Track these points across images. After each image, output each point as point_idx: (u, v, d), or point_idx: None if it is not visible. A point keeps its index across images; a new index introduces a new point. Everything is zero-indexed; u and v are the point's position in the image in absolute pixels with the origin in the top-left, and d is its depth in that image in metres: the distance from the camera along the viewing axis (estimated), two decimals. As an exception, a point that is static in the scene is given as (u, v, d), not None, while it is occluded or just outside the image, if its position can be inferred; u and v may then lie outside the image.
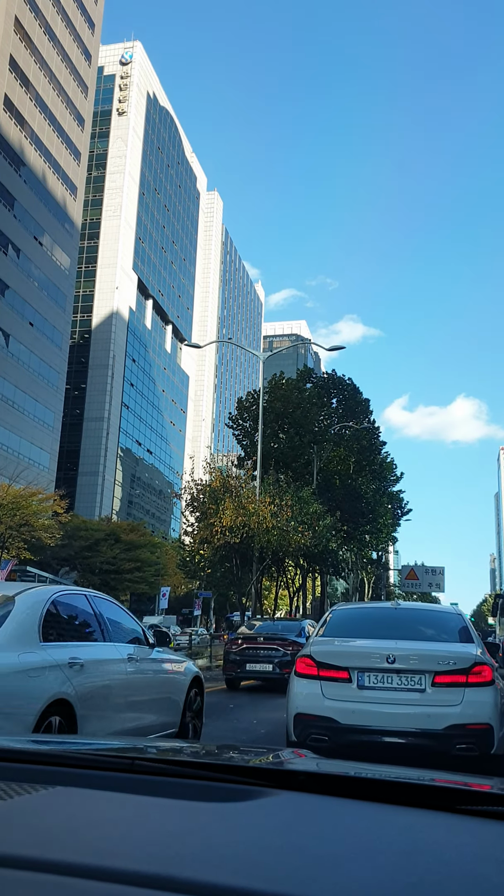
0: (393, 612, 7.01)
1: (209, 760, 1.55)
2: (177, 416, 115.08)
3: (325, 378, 47.57)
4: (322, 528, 28.90)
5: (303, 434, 37.63)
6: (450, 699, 5.65)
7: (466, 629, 6.56)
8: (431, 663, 5.78)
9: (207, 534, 24.60)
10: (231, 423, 40.02)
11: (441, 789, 1.26)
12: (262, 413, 27.52)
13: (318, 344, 28.02)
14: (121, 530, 58.49)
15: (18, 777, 1.22)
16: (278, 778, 1.30)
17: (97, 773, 1.27)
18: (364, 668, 5.84)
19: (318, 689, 5.89)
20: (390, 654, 5.81)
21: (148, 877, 0.77)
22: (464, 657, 5.80)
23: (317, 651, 6.09)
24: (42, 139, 66.56)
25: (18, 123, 62.39)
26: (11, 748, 1.44)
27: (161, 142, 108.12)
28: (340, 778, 1.33)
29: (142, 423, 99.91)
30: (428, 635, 6.61)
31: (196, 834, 0.96)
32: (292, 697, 6.13)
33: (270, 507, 24.39)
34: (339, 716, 5.73)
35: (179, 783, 1.22)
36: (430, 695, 5.70)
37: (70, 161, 72.18)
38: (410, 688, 5.76)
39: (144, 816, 1.04)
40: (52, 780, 1.21)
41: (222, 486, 25.39)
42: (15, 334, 62.53)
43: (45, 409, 67.95)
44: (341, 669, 5.89)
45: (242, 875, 0.79)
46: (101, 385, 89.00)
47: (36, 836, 0.91)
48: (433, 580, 43.53)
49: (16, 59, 61.61)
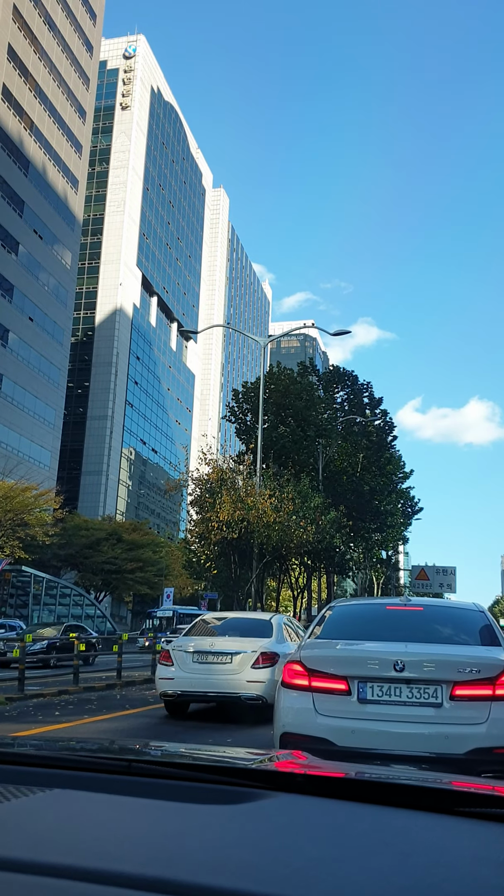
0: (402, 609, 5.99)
1: (207, 762, 1.50)
2: (182, 415, 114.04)
3: (330, 371, 46.51)
4: (325, 522, 27.65)
5: (306, 427, 36.53)
6: (472, 716, 4.68)
7: (491, 629, 5.51)
8: (449, 671, 4.79)
9: (204, 529, 23.37)
10: (229, 416, 38.93)
11: (439, 791, 1.26)
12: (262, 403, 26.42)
13: (322, 329, 26.95)
14: (123, 529, 57.83)
15: (15, 779, 1.23)
16: (276, 780, 1.30)
17: (94, 775, 1.27)
18: (366, 678, 4.87)
19: (309, 702, 4.93)
20: (398, 659, 4.83)
21: (146, 879, 0.77)
22: (489, 663, 4.79)
23: (308, 656, 5.09)
24: (42, 131, 65.62)
25: (17, 114, 61.43)
26: (7, 750, 1.44)
27: (165, 137, 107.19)
28: (338, 780, 1.33)
29: (146, 422, 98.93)
30: (444, 636, 5.56)
31: (193, 836, 0.96)
32: (278, 713, 5.16)
33: (271, 501, 23.15)
34: (336, 736, 4.78)
35: (177, 785, 1.22)
36: (447, 710, 4.74)
37: (71, 153, 71.20)
38: (423, 702, 4.79)
39: (141, 819, 1.05)
40: (48, 783, 1.21)
41: (219, 479, 24.18)
42: (14, 329, 61.51)
43: (46, 406, 66.92)
44: (338, 679, 4.92)
45: (240, 877, 0.79)
46: (105, 383, 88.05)
47: (33, 838, 0.91)
48: (444, 580, 42.59)
49: (14, 49, 60.69)
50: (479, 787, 1.33)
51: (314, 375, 44.70)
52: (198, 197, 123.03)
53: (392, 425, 46.35)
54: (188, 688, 10.13)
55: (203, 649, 10.26)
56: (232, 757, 1.69)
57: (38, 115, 64.97)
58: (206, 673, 10.18)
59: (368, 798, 1.16)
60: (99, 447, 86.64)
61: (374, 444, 43.35)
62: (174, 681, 10.22)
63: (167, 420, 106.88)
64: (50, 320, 67.37)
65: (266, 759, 1.67)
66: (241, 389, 38.85)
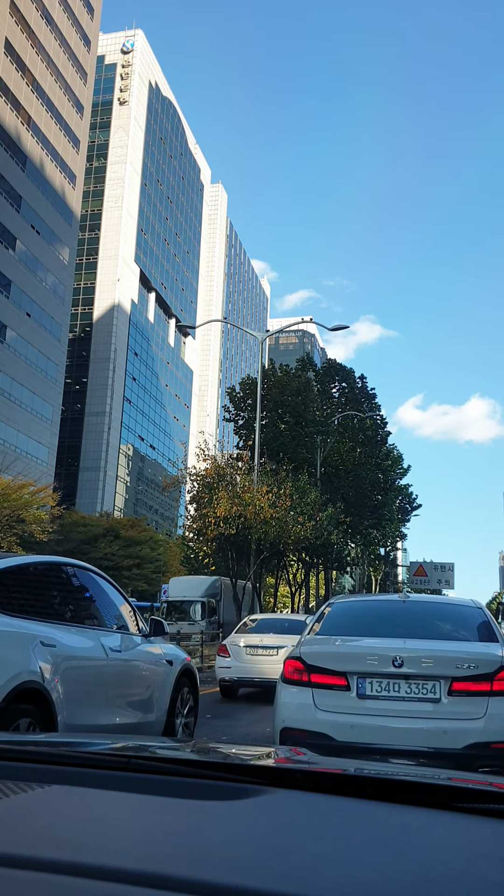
0: (401, 606, 6.08)
1: (206, 758, 1.51)
2: (181, 412, 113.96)
3: (327, 366, 46.39)
4: (323, 518, 27.62)
5: (303, 423, 36.47)
6: (471, 711, 4.74)
7: (489, 625, 5.59)
8: (448, 667, 4.86)
9: (201, 525, 23.32)
10: (228, 417, 38.89)
11: (437, 787, 1.26)
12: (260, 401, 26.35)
13: (319, 324, 26.85)
14: (120, 526, 57.71)
15: (14, 776, 1.23)
16: (275, 776, 1.31)
17: (93, 771, 1.27)
18: (365, 673, 4.95)
19: (309, 698, 5.01)
20: (397, 655, 4.89)
21: (145, 875, 0.77)
22: (487, 659, 4.86)
23: (308, 652, 5.17)
24: (40, 126, 65.40)
25: (14, 109, 61.20)
26: (6, 747, 1.44)
27: (163, 132, 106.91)
28: (337, 776, 1.33)
29: (144, 419, 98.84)
30: (443, 633, 5.66)
31: (193, 832, 0.97)
32: (278, 708, 5.24)
33: (268, 497, 23.10)
34: (335, 731, 4.85)
35: (176, 781, 1.22)
36: (446, 706, 4.80)
37: (69, 148, 70.98)
38: (422, 697, 4.85)
39: (141, 815, 1.05)
40: (47, 779, 1.22)
41: (217, 475, 24.12)
42: (11, 325, 61.38)
43: (44, 402, 66.81)
44: (337, 675, 4.99)
45: (239, 873, 0.80)
46: (103, 379, 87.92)
47: (32, 834, 0.91)
48: (442, 577, 42.82)
49: (11, 43, 60.45)
50: (477, 783, 1.34)
51: (311, 370, 44.62)
52: (196, 193, 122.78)
53: (385, 421, 46.40)
54: (242, 675, 12.51)
55: (253, 644, 12.66)
56: (231, 753, 1.69)
57: (36, 109, 64.74)
58: (256, 663, 12.46)
59: (367, 794, 1.16)
60: (97, 443, 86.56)
61: (370, 439, 43.36)
62: (231, 669, 12.64)
63: (165, 416, 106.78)
64: (47, 316, 67.22)
65: (265, 755, 1.67)
66: (238, 386, 38.78)
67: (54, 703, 4.46)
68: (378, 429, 45.28)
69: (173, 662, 6.83)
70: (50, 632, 4.77)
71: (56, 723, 4.45)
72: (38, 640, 4.54)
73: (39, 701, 4.32)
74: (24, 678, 4.21)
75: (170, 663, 6.76)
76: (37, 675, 4.36)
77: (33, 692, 4.27)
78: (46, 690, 4.39)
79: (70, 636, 5.08)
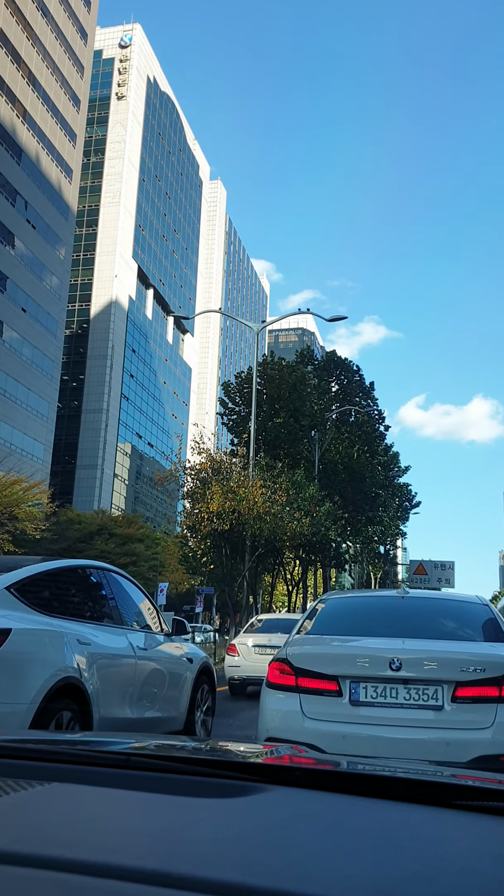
0: (400, 603, 5.61)
1: (206, 756, 1.51)
2: (179, 409, 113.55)
3: (325, 359, 45.85)
4: (320, 514, 27.08)
5: (300, 418, 35.94)
6: (477, 720, 4.29)
7: (496, 623, 5.12)
8: (451, 670, 4.40)
9: (195, 520, 22.80)
10: (222, 412, 38.38)
11: (437, 784, 1.26)
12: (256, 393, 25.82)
13: (317, 314, 26.28)
14: (115, 524, 57.28)
15: (13, 773, 1.23)
16: (275, 773, 1.32)
17: (92, 769, 1.27)
18: (359, 677, 4.49)
19: (296, 705, 4.56)
20: (395, 657, 4.44)
21: (145, 873, 0.77)
22: (495, 661, 4.39)
23: (295, 654, 4.71)
24: (35, 119, 64.90)
25: (10, 102, 60.73)
26: (5, 744, 1.44)
27: (162, 128, 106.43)
28: (337, 773, 1.33)
29: (142, 416, 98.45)
30: (446, 632, 5.19)
31: (192, 829, 0.97)
32: (262, 716, 4.79)
33: (262, 492, 22.57)
34: (325, 742, 4.38)
35: (176, 779, 1.22)
36: (449, 713, 4.35)
37: (65, 142, 70.45)
38: (423, 704, 4.40)
39: (140, 812, 1.05)
40: (47, 777, 1.21)
41: (211, 468, 23.59)
42: (7, 321, 60.87)
43: (39, 398, 66.34)
44: (328, 679, 4.53)
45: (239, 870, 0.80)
46: (100, 376, 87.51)
47: (32, 832, 0.91)
48: (443, 575, 42.33)
49: (7, 35, 59.89)
50: (477, 780, 1.34)
51: (310, 364, 44.09)
52: (194, 189, 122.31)
53: (383, 415, 45.96)
54: (251, 673, 12.79)
55: (261, 643, 13.03)
56: (230, 751, 1.67)
57: (31, 102, 64.21)
58: (264, 662, 12.16)
59: (367, 791, 1.16)
60: (94, 441, 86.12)
61: (367, 434, 42.91)
62: (240, 668, 13.05)
63: (163, 414, 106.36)
64: (43, 312, 66.73)
65: (265, 752, 1.67)
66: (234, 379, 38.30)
67: (91, 697, 4.79)
68: (375, 423, 44.81)
69: (193, 661, 7.09)
70: (85, 631, 5.09)
71: (92, 717, 4.79)
72: (74, 638, 4.85)
73: (77, 696, 4.69)
74: (64, 674, 4.54)
75: (190, 661, 7.00)
76: (75, 671, 4.67)
77: (72, 687, 4.61)
78: (84, 686, 4.72)
79: (103, 635, 5.39)
